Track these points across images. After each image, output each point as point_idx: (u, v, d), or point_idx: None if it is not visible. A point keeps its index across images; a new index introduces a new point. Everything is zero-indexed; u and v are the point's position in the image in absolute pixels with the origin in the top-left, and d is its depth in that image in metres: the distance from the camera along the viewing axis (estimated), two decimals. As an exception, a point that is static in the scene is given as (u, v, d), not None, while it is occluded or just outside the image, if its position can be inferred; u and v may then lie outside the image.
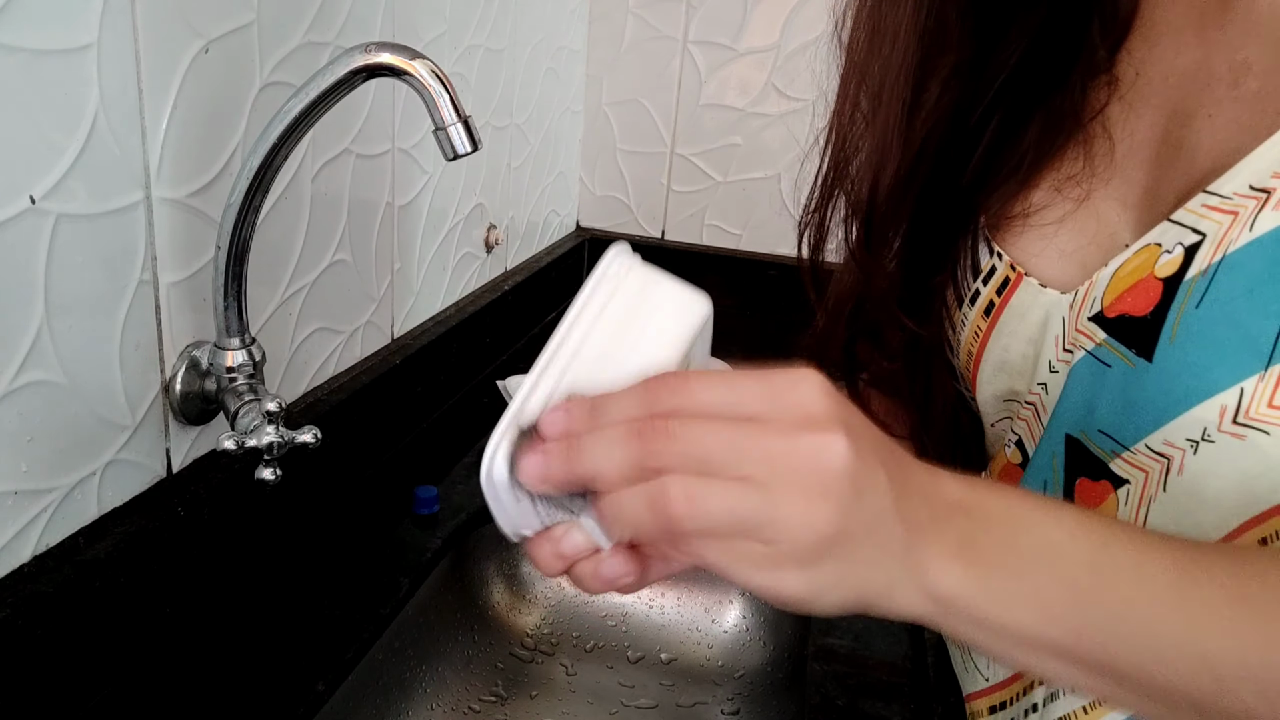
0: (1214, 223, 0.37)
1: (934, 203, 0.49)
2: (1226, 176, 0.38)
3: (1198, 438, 0.37)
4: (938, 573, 0.32)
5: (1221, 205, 0.37)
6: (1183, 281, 0.38)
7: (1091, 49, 0.45)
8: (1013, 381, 0.48)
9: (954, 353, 0.52)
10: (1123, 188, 0.44)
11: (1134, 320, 0.40)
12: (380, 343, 0.92)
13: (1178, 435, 0.38)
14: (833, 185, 0.52)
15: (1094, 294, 0.42)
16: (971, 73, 0.47)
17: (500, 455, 0.34)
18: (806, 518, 0.30)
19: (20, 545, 0.53)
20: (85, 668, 0.55)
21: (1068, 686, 0.35)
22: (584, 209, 1.52)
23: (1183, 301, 0.38)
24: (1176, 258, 0.38)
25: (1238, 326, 0.36)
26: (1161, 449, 0.39)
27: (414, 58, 0.54)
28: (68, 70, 0.50)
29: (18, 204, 0.49)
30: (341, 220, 0.81)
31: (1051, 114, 0.46)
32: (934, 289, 0.51)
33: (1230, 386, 0.36)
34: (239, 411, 0.61)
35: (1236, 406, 0.36)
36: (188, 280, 0.62)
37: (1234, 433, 0.36)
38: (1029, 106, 0.47)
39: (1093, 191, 0.45)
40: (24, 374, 0.51)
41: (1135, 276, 0.40)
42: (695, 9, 1.37)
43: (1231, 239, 0.36)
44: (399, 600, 0.73)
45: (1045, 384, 0.46)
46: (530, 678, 0.82)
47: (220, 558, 0.66)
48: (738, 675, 0.84)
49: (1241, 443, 0.36)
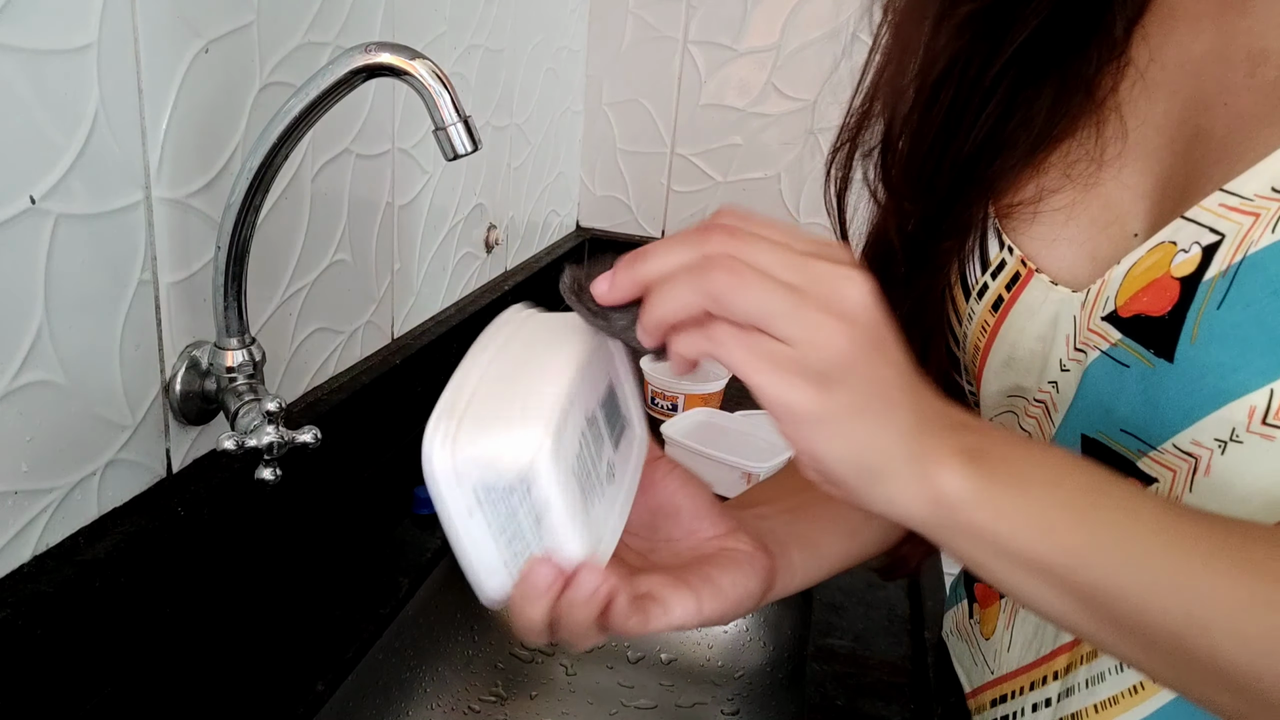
0: (1233, 223, 0.37)
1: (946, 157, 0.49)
2: (1247, 176, 0.37)
3: (1226, 438, 0.37)
4: (943, 471, 0.33)
5: (1242, 206, 0.37)
6: (1202, 281, 0.38)
7: (1110, 23, 0.45)
8: (1020, 378, 0.48)
9: (959, 346, 0.52)
10: (1135, 176, 0.44)
11: (1151, 320, 0.39)
12: (380, 343, 0.92)
13: (1205, 435, 0.38)
14: (859, 123, 0.52)
15: (1107, 293, 0.42)
16: (988, 25, 0.46)
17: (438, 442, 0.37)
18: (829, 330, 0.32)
19: (20, 545, 0.53)
20: (85, 668, 0.55)
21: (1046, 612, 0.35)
22: (584, 209, 1.52)
23: (1203, 302, 0.37)
24: (1194, 257, 0.38)
25: (1265, 327, 0.36)
26: (1189, 449, 0.38)
27: (414, 58, 0.54)
28: (68, 70, 0.50)
29: (18, 204, 0.49)
30: (341, 220, 0.81)
31: (1066, 83, 0.46)
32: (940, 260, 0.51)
33: (1260, 387, 0.36)
34: (239, 411, 0.61)
35: (1267, 407, 0.36)
36: (188, 280, 0.62)
37: (1264, 433, 0.36)
38: (1043, 71, 0.46)
39: (1105, 178, 0.44)
40: (24, 374, 0.51)
41: (1151, 276, 0.40)
42: (695, 9, 1.37)
43: (1253, 240, 0.36)
44: (399, 600, 0.73)
45: (1056, 382, 0.46)
46: (530, 678, 0.82)
47: (220, 558, 0.66)
48: (738, 675, 0.84)
49: (1271, 443, 0.36)
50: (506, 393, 0.38)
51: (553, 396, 0.38)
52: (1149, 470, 0.41)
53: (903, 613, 0.76)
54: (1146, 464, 0.41)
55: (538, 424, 0.37)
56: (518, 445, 0.37)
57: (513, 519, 0.38)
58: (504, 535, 0.38)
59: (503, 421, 0.37)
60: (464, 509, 0.38)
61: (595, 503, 0.40)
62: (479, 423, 0.37)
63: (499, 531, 0.38)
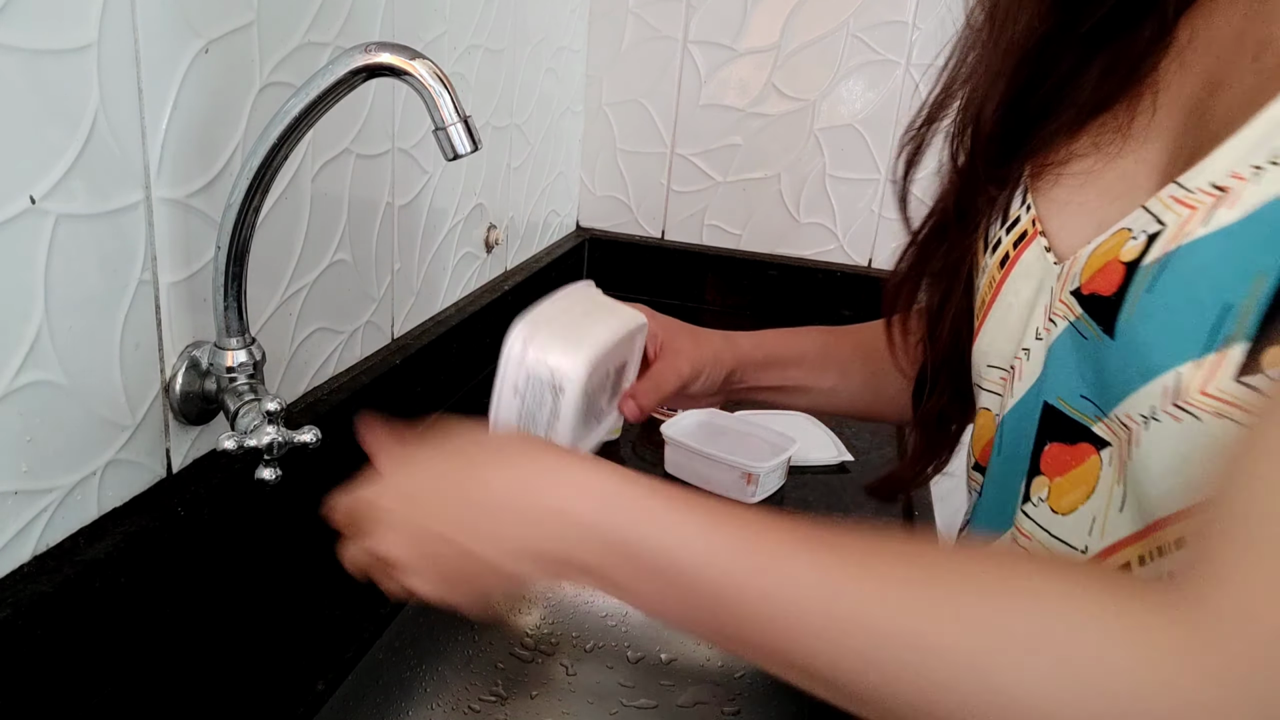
0: (1175, 215, 0.40)
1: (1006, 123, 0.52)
2: (1195, 170, 0.40)
3: (1149, 414, 0.39)
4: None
5: (1185, 199, 0.39)
6: (1140, 266, 0.40)
7: (1164, 5, 0.47)
8: (1004, 341, 0.51)
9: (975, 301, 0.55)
10: (1154, 152, 0.46)
11: (1102, 299, 0.42)
12: (380, 343, 0.92)
13: (1135, 409, 0.40)
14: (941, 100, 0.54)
15: (1075, 269, 0.45)
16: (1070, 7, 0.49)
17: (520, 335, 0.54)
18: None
19: (20, 545, 0.53)
20: (85, 668, 0.55)
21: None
22: (584, 209, 1.52)
23: (1139, 286, 0.40)
24: (1140, 244, 0.41)
25: (1180, 315, 0.38)
26: (1125, 420, 0.41)
27: (414, 58, 0.54)
28: (68, 70, 0.50)
29: (18, 204, 0.49)
30: (341, 220, 0.81)
31: (1115, 59, 0.48)
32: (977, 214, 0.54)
33: (1170, 369, 0.38)
34: (239, 411, 0.61)
35: (1175, 388, 0.38)
36: (188, 280, 0.62)
37: (1173, 414, 0.38)
38: (1097, 46, 0.49)
39: (1127, 151, 0.46)
40: (24, 374, 0.51)
41: (1106, 258, 0.43)
42: (695, 9, 1.37)
43: (1187, 233, 0.39)
44: (399, 600, 0.73)
45: (1029, 349, 0.48)
46: (530, 678, 0.82)
47: (220, 558, 0.66)
48: (738, 675, 0.84)
49: (1179, 424, 0.38)
50: (573, 328, 0.55)
51: (600, 345, 0.54)
52: (1103, 434, 0.43)
53: (903, 613, 0.76)
54: (1100, 429, 0.43)
55: (585, 356, 0.53)
56: (568, 362, 0.53)
57: (540, 407, 0.54)
58: (528, 415, 0.54)
59: (566, 343, 0.53)
60: (512, 386, 0.54)
61: (585, 426, 0.57)
62: (551, 337, 0.54)
63: (527, 414, 0.54)
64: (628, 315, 0.60)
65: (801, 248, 1.45)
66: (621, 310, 0.60)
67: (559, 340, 0.53)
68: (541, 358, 0.53)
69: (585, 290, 0.61)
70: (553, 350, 0.53)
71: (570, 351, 0.53)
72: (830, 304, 1.43)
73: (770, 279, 1.45)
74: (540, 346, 0.53)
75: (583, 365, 0.53)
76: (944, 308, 0.57)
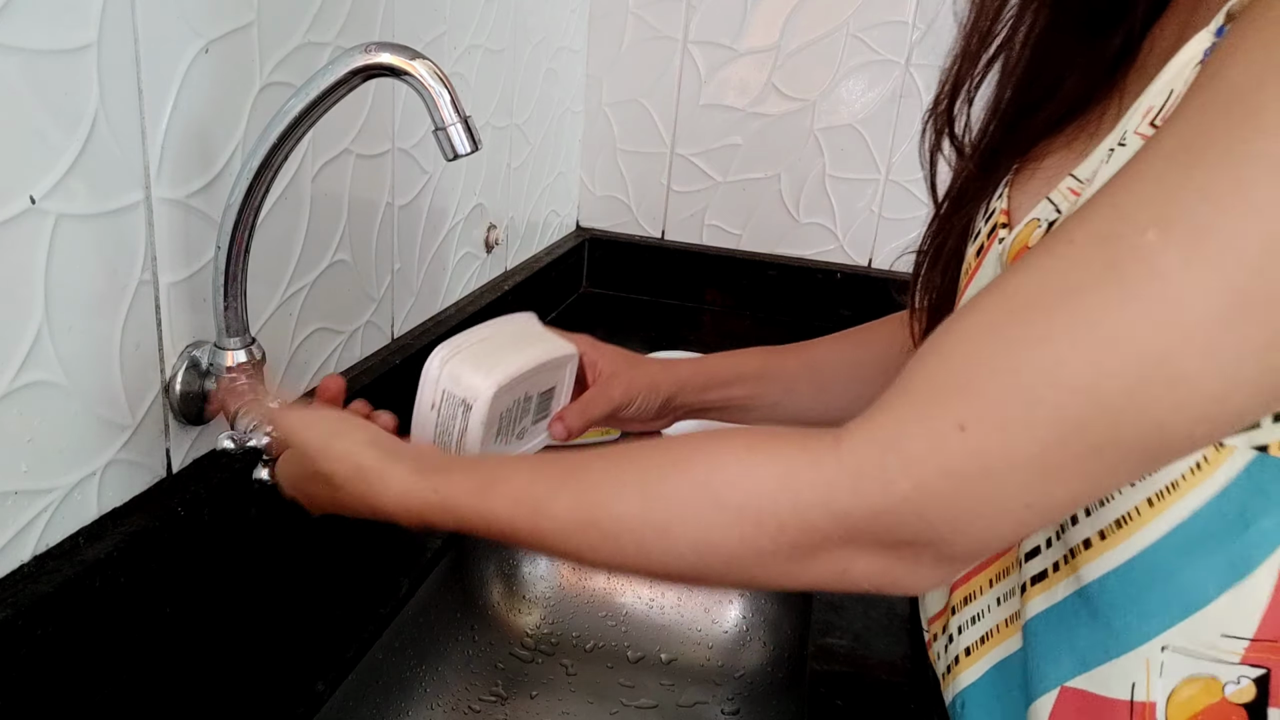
0: (1069, 202, 0.45)
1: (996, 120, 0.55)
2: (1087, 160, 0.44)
3: None
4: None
5: (1075, 188, 0.45)
6: None
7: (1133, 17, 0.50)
8: None
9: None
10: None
11: None
12: (380, 343, 0.92)
13: None
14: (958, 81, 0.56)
15: (1005, 253, 0.49)
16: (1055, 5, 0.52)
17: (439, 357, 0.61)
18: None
19: (20, 545, 0.53)
20: (85, 668, 0.55)
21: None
22: (584, 209, 1.52)
23: None
24: (1043, 231, 0.46)
25: None
26: None
27: (414, 58, 0.54)
28: (68, 70, 0.50)
29: (18, 204, 0.49)
30: (341, 220, 0.81)
31: (1090, 64, 0.51)
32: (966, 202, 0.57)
33: None
34: (239, 411, 0.61)
35: None
36: (188, 280, 0.62)
37: None
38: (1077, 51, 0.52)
39: (1091, 148, 0.49)
40: (24, 374, 0.51)
41: (1020, 245, 0.47)
42: (695, 9, 1.37)
43: None
44: (399, 600, 0.73)
45: None
46: (530, 678, 0.82)
47: (220, 558, 0.66)
48: (738, 675, 0.85)
49: None
50: (492, 353, 0.61)
51: (514, 369, 0.60)
52: None
53: (903, 612, 0.76)
54: None
55: (496, 378, 0.59)
56: (479, 382, 0.58)
57: (452, 422, 0.59)
58: (442, 429, 0.60)
59: (479, 365, 0.59)
60: (429, 402, 0.60)
61: (499, 444, 0.63)
62: (466, 359, 0.60)
63: (440, 428, 0.60)
64: (556, 345, 0.65)
65: (801, 248, 1.45)
66: (552, 340, 0.65)
67: (473, 362, 0.59)
68: (456, 376, 0.59)
69: (520, 320, 0.66)
70: (466, 370, 0.59)
71: (482, 372, 0.58)
72: (830, 304, 1.44)
73: (770, 279, 1.45)
74: (456, 365, 0.59)
75: (492, 385, 0.58)
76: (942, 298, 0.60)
